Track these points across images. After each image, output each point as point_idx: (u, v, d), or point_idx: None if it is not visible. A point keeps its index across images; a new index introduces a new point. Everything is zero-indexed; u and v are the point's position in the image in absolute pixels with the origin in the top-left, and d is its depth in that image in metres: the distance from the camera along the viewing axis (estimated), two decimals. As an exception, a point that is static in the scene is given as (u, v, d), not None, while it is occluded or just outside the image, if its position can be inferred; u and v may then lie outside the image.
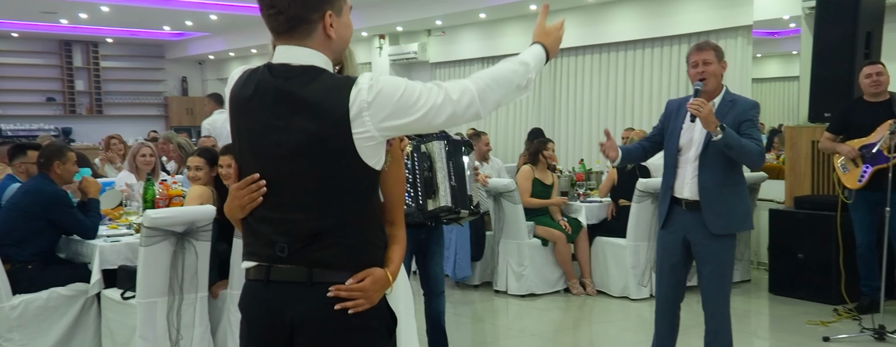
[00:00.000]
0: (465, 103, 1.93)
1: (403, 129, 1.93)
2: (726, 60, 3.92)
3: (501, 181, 6.43)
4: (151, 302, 4.35)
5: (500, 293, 6.63)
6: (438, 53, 11.71)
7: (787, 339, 5.46)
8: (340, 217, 1.93)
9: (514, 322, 6.09)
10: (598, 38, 9.49)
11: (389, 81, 1.91)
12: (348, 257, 1.93)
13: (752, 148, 3.71)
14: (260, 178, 1.95)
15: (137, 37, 16.11)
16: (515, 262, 6.47)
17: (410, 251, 4.45)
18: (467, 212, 4.33)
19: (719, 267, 3.89)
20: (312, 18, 1.93)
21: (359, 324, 1.93)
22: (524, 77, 2.05)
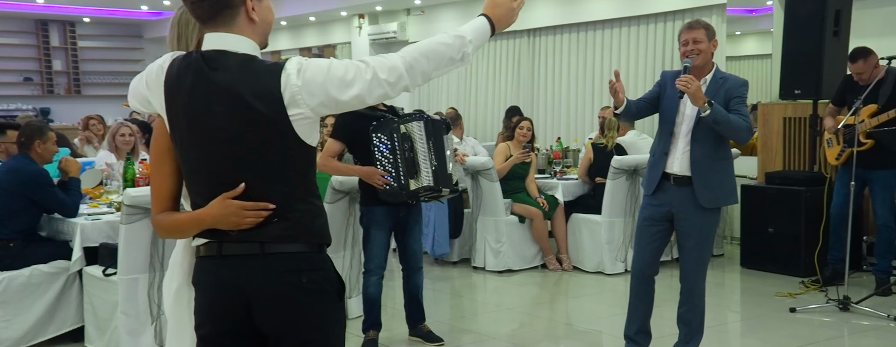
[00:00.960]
0: (393, 79, 2.00)
1: (338, 107, 2.02)
2: (717, 40, 4.00)
3: (479, 159, 6.52)
4: (133, 279, 4.41)
5: (478, 269, 6.75)
6: (418, 33, 11.74)
7: (755, 311, 5.61)
8: (286, 194, 2.02)
9: (492, 297, 6.21)
10: (575, 17, 9.56)
11: (316, 64, 1.99)
12: (296, 229, 2.02)
13: (739, 123, 3.81)
14: (203, 163, 2.01)
15: (115, 16, 16.01)
16: (493, 239, 6.58)
17: (389, 227, 4.54)
18: (448, 190, 4.43)
19: (702, 242, 3.99)
20: (234, 3, 2.00)
21: (313, 289, 2.03)
22: (459, 50, 2.09)
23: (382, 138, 4.35)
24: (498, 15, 2.19)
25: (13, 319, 4.63)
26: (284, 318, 2.01)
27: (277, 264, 2.00)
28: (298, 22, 13.62)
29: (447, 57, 2.07)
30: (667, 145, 4.01)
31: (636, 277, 4.20)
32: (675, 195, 3.98)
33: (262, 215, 1.98)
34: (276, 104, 1.95)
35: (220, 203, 1.98)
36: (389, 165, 4.34)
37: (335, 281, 2.11)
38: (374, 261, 4.54)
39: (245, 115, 1.96)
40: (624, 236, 6.40)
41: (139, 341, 4.45)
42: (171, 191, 2.07)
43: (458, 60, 2.09)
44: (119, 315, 4.42)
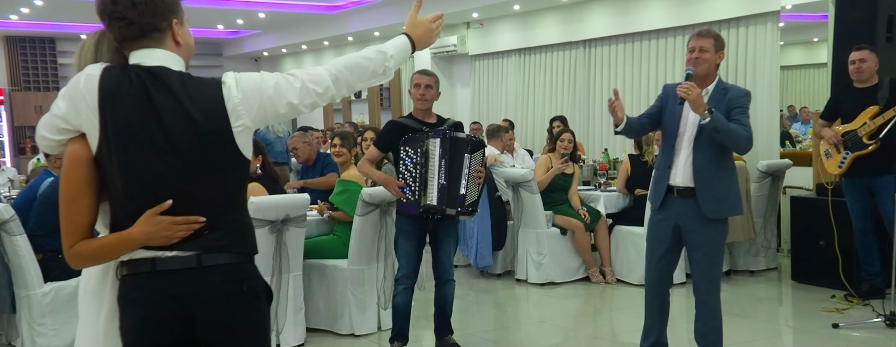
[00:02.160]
0: (321, 89, 2.12)
1: (275, 116, 2.10)
2: (723, 52, 3.92)
3: (518, 171, 6.44)
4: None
5: (520, 281, 6.65)
6: (477, 46, 11.72)
7: (801, 326, 5.35)
8: (223, 206, 2.04)
9: (535, 309, 6.11)
10: (629, 27, 9.37)
11: (249, 77, 2.08)
12: (232, 240, 2.05)
13: (739, 132, 3.72)
14: (140, 175, 1.98)
15: (196, 36, 16.49)
16: (534, 251, 6.48)
17: (419, 239, 4.52)
18: (455, 211, 4.35)
19: (711, 253, 3.90)
20: (162, 26, 2.05)
21: (252, 296, 2.07)
22: (381, 65, 2.22)
23: (409, 151, 4.35)
24: (417, 34, 2.36)
25: (61, 328, 4.76)
26: (228, 327, 2.03)
27: (216, 275, 2.01)
28: (364, 37, 13.77)
29: (369, 70, 2.20)
30: (670, 157, 3.93)
31: (650, 290, 4.13)
32: (681, 208, 3.90)
33: (192, 228, 1.98)
34: (220, 117, 2.00)
35: (148, 220, 1.96)
36: (410, 179, 4.34)
37: (266, 288, 2.16)
38: (402, 270, 4.52)
39: (189, 128, 1.98)
40: (667, 248, 6.20)
41: (174, 350, 4.55)
42: (88, 223, 2.03)
43: (379, 74, 2.23)
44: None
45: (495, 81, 11.59)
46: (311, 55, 16.03)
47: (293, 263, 4.82)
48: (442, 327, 4.72)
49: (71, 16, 13.59)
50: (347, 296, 5.06)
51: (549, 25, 10.45)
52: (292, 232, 4.77)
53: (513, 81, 11.21)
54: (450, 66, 12.66)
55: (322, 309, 5.20)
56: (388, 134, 4.53)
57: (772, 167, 6.71)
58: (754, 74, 7.95)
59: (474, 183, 4.45)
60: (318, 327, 5.21)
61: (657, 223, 4.03)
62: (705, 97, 3.81)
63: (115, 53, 2.11)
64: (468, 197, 4.41)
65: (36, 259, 4.74)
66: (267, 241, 4.67)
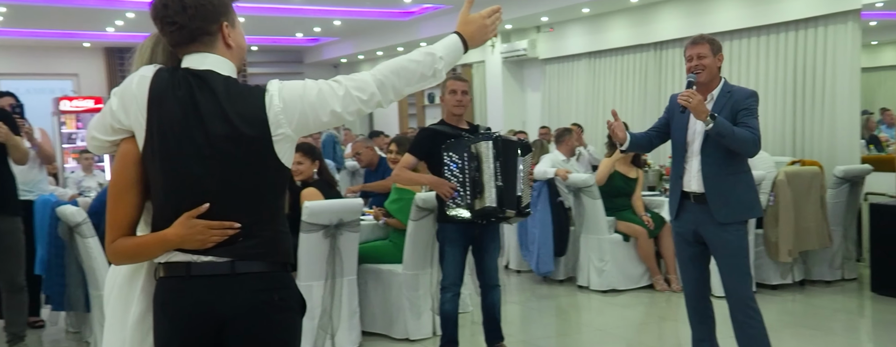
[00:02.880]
0: (366, 96, 2.04)
1: (318, 125, 2.04)
2: (722, 54, 3.89)
3: (580, 176, 6.27)
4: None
5: (582, 288, 6.47)
6: (548, 50, 11.54)
7: (877, 340, 5.02)
8: (259, 213, 2.00)
9: (596, 317, 5.92)
10: (702, 28, 9.01)
11: (293, 85, 2.03)
12: (266, 248, 2.01)
13: (745, 136, 3.64)
14: (180, 178, 1.97)
15: (278, 44, 16.84)
16: (596, 257, 6.29)
17: (463, 244, 4.43)
18: (514, 212, 4.29)
19: (734, 257, 3.80)
20: (212, 30, 2.03)
21: (284, 307, 2.02)
22: (430, 67, 2.10)
23: (453, 156, 4.27)
24: (469, 32, 2.19)
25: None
26: (257, 335, 1.99)
27: (249, 283, 1.98)
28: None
29: (418, 74, 2.10)
30: (681, 165, 3.89)
31: (688, 299, 4.06)
32: (697, 214, 3.85)
33: (227, 233, 1.95)
34: (260, 125, 1.96)
35: (184, 222, 1.95)
36: (458, 183, 4.26)
37: (300, 299, 2.11)
38: (449, 278, 4.43)
39: (229, 134, 1.95)
40: (734, 256, 5.93)
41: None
42: (132, 220, 2.03)
43: (429, 77, 2.11)
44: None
45: (565, 84, 11.39)
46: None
47: (347, 267, 4.78)
48: (492, 334, 4.61)
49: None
50: (402, 301, 5.01)
51: (620, 28, 10.20)
52: (346, 237, 4.74)
53: (583, 84, 10.99)
54: (520, 70, 12.52)
55: (378, 313, 5.16)
56: (424, 141, 4.44)
57: (850, 173, 6.34)
58: (833, 76, 7.54)
59: (528, 186, 4.40)
60: (373, 331, 5.17)
61: (678, 231, 3.99)
62: (711, 102, 3.78)
63: (169, 56, 2.11)
64: (524, 199, 4.36)
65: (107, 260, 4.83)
66: (321, 245, 4.66)
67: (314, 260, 4.67)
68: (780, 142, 8.21)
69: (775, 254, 6.03)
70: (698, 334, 4.06)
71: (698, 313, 4.03)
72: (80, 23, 13.31)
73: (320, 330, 4.73)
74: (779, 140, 8.24)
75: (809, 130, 7.94)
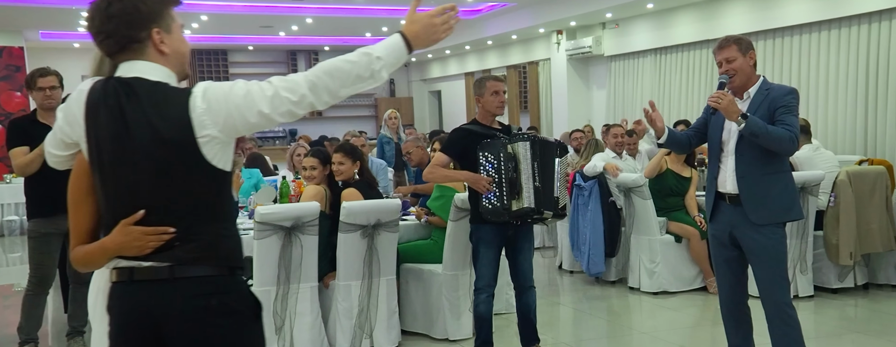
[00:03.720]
0: (296, 97, 1.96)
1: (246, 126, 1.98)
2: (754, 51, 3.70)
3: (630, 176, 6.09)
4: (265, 290, 4.59)
5: (634, 290, 6.29)
6: (613, 46, 11.31)
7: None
8: (195, 217, 1.98)
9: (647, 320, 5.74)
10: (770, 23, 8.70)
11: (219, 86, 1.97)
12: (205, 252, 1.99)
13: (780, 134, 3.47)
14: (114, 187, 1.99)
15: (349, 44, 17.04)
16: (647, 259, 6.11)
17: (497, 245, 4.37)
18: (551, 213, 4.23)
19: (770, 260, 3.63)
20: (140, 37, 2.00)
21: (224, 311, 1.99)
22: (366, 68, 1.99)
23: (489, 157, 4.22)
24: (414, 31, 2.07)
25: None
26: (194, 339, 1.98)
27: (187, 287, 1.97)
28: (503, 41, 13.67)
29: (353, 74, 1.99)
30: (716, 166, 3.74)
31: (723, 302, 3.90)
32: (732, 215, 3.69)
33: (163, 239, 1.95)
34: (184, 128, 1.94)
35: (121, 230, 1.96)
36: (494, 184, 4.20)
37: (250, 302, 2.06)
38: (484, 279, 4.37)
39: (155, 139, 1.94)
40: (791, 259, 5.66)
41: (270, 349, 4.63)
42: (89, 228, 2.07)
43: (367, 78, 2.00)
44: (253, 323, 4.61)
45: (631, 81, 11.14)
46: (455, 60, 16.12)
47: (385, 267, 4.77)
48: (528, 336, 4.52)
49: (238, 29, 14.37)
50: (442, 301, 4.97)
51: (685, 23, 9.90)
52: (384, 237, 4.72)
53: (648, 81, 10.72)
54: (586, 67, 12.30)
55: (419, 313, 5.13)
56: (459, 141, 4.39)
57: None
58: (907, 71, 7.14)
59: (565, 186, 4.32)
60: (415, 330, 5.15)
61: (714, 232, 3.83)
62: (747, 101, 3.63)
63: (111, 67, 2.12)
64: (561, 200, 4.29)
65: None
66: (359, 245, 4.66)
67: (352, 260, 4.68)
68: (849, 140, 7.83)
69: (835, 256, 5.74)
70: (734, 340, 3.90)
71: (734, 318, 3.87)
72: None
73: (357, 329, 4.73)
74: (848, 138, 7.86)
75: (882, 128, 7.54)
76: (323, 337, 4.76)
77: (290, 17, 12.83)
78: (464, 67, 15.80)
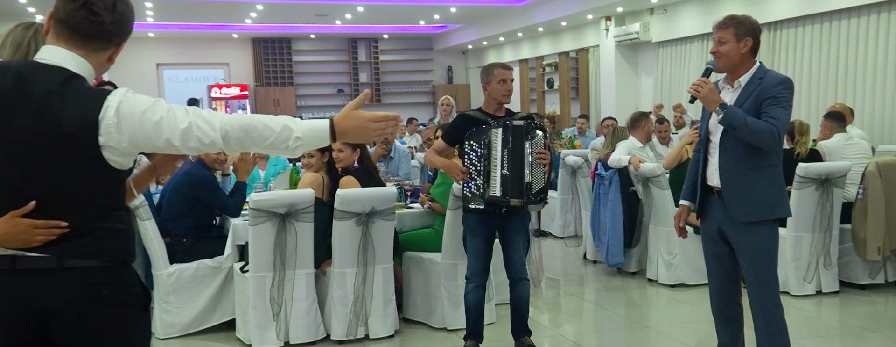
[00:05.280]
0: (207, 140, 1.91)
1: (152, 147, 1.92)
2: (751, 38, 3.33)
3: (648, 166, 5.81)
4: (261, 276, 4.54)
5: (652, 281, 6.02)
6: (661, 32, 10.88)
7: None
8: (85, 212, 1.91)
9: (664, 313, 5.48)
10: (818, 7, 8.19)
11: (137, 103, 1.88)
12: (96, 247, 1.92)
13: (759, 128, 3.18)
14: (3, 175, 1.90)
15: (408, 32, 16.96)
16: (665, 250, 5.83)
17: (487, 237, 4.21)
18: (520, 201, 4.04)
19: (758, 258, 3.36)
20: (113, 42, 1.98)
21: (114, 301, 1.93)
22: (283, 141, 1.95)
23: (474, 145, 4.08)
24: (345, 127, 2.01)
25: (183, 306, 4.94)
26: (84, 330, 1.92)
27: (76, 277, 1.90)
28: (554, 28, 13.35)
29: (268, 141, 1.95)
30: (705, 159, 3.49)
31: (713, 298, 3.65)
32: (720, 210, 3.43)
33: (54, 233, 1.88)
34: (88, 129, 1.85)
35: (8, 221, 1.87)
36: (475, 172, 4.08)
37: (138, 294, 2.01)
38: (471, 268, 4.23)
39: (54, 131, 1.85)
40: (814, 253, 5.31)
41: (266, 335, 4.58)
42: None
43: (281, 149, 1.97)
44: (250, 309, 4.58)
45: (679, 68, 10.70)
46: (510, 47, 15.86)
47: (380, 255, 4.66)
48: (519, 328, 4.35)
49: (295, 18, 14.46)
50: (440, 290, 4.83)
51: (733, 8, 9.41)
52: (379, 225, 4.61)
53: (696, 67, 10.27)
54: (634, 54, 11.89)
55: (419, 302, 5.02)
56: (458, 128, 4.25)
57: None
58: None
59: (540, 170, 4.11)
60: (415, 319, 5.03)
61: (704, 227, 3.60)
62: (737, 90, 3.34)
63: (15, 51, 2.08)
64: (534, 185, 4.09)
65: (163, 242, 4.97)
66: (354, 233, 4.56)
67: (347, 248, 4.59)
68: (889, 130, 7.32)
69: (863, 251, 5.35)
70: (722, 337, 3.65)
71: (723, 315, 3.62)
72: (221, 15, 13.94)
73: (353, 317, 4.64)
74: (888, 128, 7.35)
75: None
76: (319, 324, 4.69)
77: (344, 6, 12.82)
78: (518, 54, 15.52)
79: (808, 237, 5.33)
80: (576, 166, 7.32)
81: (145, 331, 2.06)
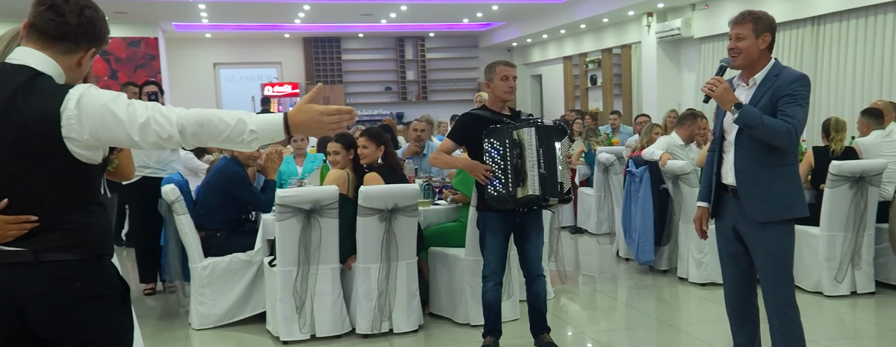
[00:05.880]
0: (165, 134, 1.92)
1: (113, 141, 1.94)
2: (770, 34, 3.21)
3: (677, 163, 5.68)
4: (288, 270, 4.58)
5: (683, 280, 5.89)
6: (702, 28, 10.63)
7: None
8: (58, 206, 1.95)
9: (694, 312, 5.35)
10: (861, 1, 7.90)
11: (98, 97, 1.91)
12: (70, 240, 1.95)
13: (775, 126, 3.06)
14: None
15: (454, 30, 16.93)
16: (695, 248, 5.69)
17: (503, 233, 4.17)
18: (556, 199, 4.02)
19: (773, 259, 3.25)
20: (81, 45, 2.01)
21: (89, 294, 1.96)
22: (238, 134, 1.96)
23: (495, 143, 4.03)
24: (298, 120, 2.01)
25: (217, 299, 5.01)
26: (59, 321, 1.95)
27: (50, 271, 1.94)
28: (596, 24, 13.17)
29: (224, 135, 1.96)
30: (720, 157, 3.38)
31: (728, 300, 3.54)
32: (735, 209, 3.32)
33: (25, 227, 1.92)
34: (51, 124, 1.89)
35: None
36: (499, 171, 4.02)
37: (116, 286, 2.04)
38: (490, 267, 4.19)
39: (19, 127, 1.90)
40: (846, 253, 5.12)
41: (292, 328, 4.62)
42: None
43: (236, 143, 1.98)
44: (278, 303, 4.62)
45: (721, 64, 10.43)
46: (554, 44, 15.70)
47: (403, 251, 4.66)
48: (538, 325, 4.30)
49: (342, 18, 14.57)
50: (464, 286, 4.81)
51: (775, 3, 9.15)
52: (402, 221, 4.61)
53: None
54: (676, 50, 11.65)
55: (444, 297, 5.00)
56: (465, 127, 4.21)
57: None
58: None
59: (567, 170, 4.10)
60: (440, 314, 5.02)
61: (719, 226, 3.49)
62: (752, 88, 3.23)
63: (4, 49, 2.12)
64: (564, 185, 4.06)
65: (198, 236, 5.05)
66: (377, 229, 4.57)
67: (370, 243, 4.59)
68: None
69: (900, 252, 5.15)
70: (738, 339, 3.55)
71: (738, 316, 3.52)
72: (270, 15, 14.12)
73: (377, 311, 4.65)
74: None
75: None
76: (344, 318, 4.71)
77: (388, 5, 12.86)
78: (562, 51, 15.36)
79: (842, 237, 5.15)
80: (607, 162, 7.20)
81: (125, 323, 2.09)
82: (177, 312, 5.40)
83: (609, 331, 4.94)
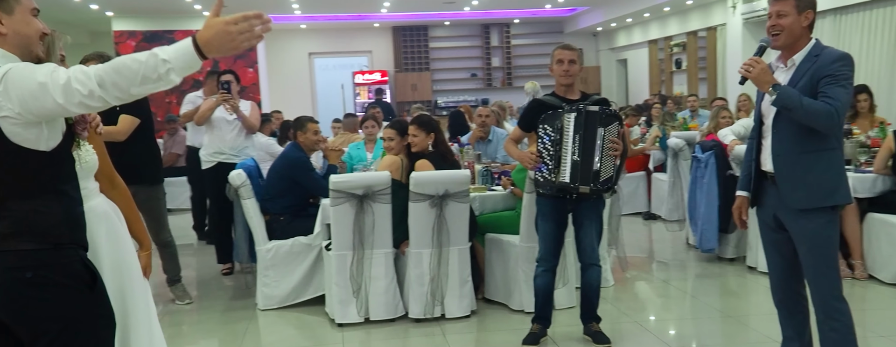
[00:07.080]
0: (86, 91, 1.85)
1: (43, 112, 1.88)
2: (812, 11, 2.96)
3: (742, 148, 5.30)
4: (342, 254, 4.56)
5: (752, 269, 5.54)
6: (790, 8, 9.98)
7: None
8: (5, 195, 1.92)
9: (763, 302, 5.00)
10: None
11: (21, 70, 1.88)
12: (19, 228, 1.93)
13: (815, 108, 2.80)
14: None
15: (538, 16, 16.59)
16: (764, 236, 5.33)
17: (558, 221, 4.01)
18: (588, 188, 3.81)
19: (817, 247, 2.98)
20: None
21: (42, 283, 1.94)
22: (153, 70, 1.84)
23: (548, 129, 3.91)
24: (205, 38, 1.86)
25: (280, 280, 5.06)
26: (12, 310, 1.95)
27: (2, 261, 1.92)
28: (680, 7, 12.60)
29: (140, 74, 1.84)
30: (759, 142, 3.13)
31: (774, 290, 3.28)
32: (774, 196, 3.07)
33: None
34: None
35: None
36: (547, 156, 3.89)
37: (74, 274, 2.00)
38: (541, 252, 4.06)
39: None
40: (928, 244, 4.68)
41: (347, 311, 4.60)
42: None
43: (155, 80, 1.85)
44: (333, 286, 4.61)
45: (809, 45, 9.79)
46: (639, 27, 15.17)
47: (455, 237, 4.55)
48: (588, 314, 4.12)
49: (427, 6, 14.52)
50: (518, 273, 4.67)
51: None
52: (453, 207, 4.50)
53: (827, 43, 9.34)
54: (761, 32, 10.98)
55: (499, 283, 4.88)
56: (529, 113, 4.09)
57: None
58: None
59: (610, 158, 3.86)
60: (496, 299, 4.90)
61: (760, 214, 3.22)
62: (791, 69, 2.96)
63: None
64: (603, 173, 3.86)
65: (263, 220, 5.10)
66: (428, 214, 4.48)
67: (422, 229, 4.52)
68: None
69: None
70: (787, 331, 3.28)
71: (785, 306, 3.25)
72: (358, 5, 14.20)
73: (429, 296, 4.58)
74: None
75: None
76: (398, 302, 4.65)
77: (467, -8, 12.72)
78: (646, 35, 14.82)
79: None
80: (677, 148, 6.86)
81: (89, 310, 2.04)
82: (247, 292, 5.49)
83: (666, 321, 4.69)
